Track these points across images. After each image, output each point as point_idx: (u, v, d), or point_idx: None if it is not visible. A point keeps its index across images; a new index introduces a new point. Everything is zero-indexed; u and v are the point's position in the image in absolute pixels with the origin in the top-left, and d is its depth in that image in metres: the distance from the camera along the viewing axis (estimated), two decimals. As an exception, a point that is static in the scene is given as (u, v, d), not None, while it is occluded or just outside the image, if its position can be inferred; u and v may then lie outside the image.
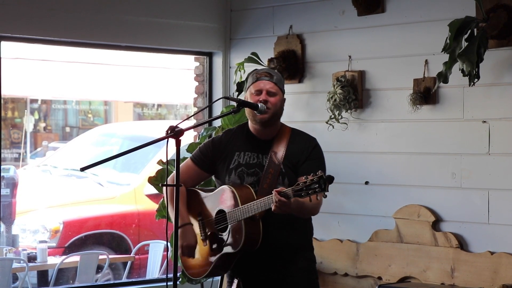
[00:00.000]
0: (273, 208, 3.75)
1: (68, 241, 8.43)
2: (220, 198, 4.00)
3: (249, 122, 4.10)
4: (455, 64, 4.79)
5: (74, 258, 7.63)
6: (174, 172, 4.06)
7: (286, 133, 4.07)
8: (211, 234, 4.03)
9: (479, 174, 5.10)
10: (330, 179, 3.64)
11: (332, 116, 5.61)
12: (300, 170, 3.99)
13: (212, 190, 4.12)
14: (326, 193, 3.64)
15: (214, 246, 4.00)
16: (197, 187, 4.22)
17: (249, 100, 4.02)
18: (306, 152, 4.02)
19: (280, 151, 3.99)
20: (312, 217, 4.19)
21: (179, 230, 4.03)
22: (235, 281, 4.00)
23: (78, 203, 8.93)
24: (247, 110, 4.05)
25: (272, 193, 3.78)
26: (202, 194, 4.12)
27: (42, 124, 15.56)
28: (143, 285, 6.45)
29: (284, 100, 4.11)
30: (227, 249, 3.93)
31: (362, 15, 5.57)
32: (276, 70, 4.24)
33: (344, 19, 5.71)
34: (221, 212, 4.00)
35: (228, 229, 3.94)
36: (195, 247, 4.05)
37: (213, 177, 4.25)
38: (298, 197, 3.68)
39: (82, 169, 3.72)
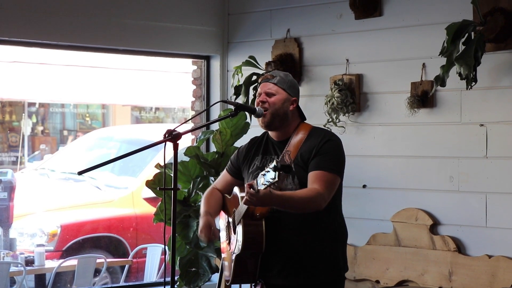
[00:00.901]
0: (243, 202, 3.70)
1: (66, 244, 8.43)
2: (233, 200, 4.03)
3: None
4: (452, 68, 4.80)
5: (72, 261, 7.63)
6: (213, 184, 4.20)
7: (304, 131, 3.98)
8: (231, 237, 4.05)
9: (476, 177, 5.10)
10: (284, 168, 3.44)
11: (330, 119, 5.61)
12: (309, 167, 3.87)
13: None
14: (277, 182, 3.45)
15: (232, 248, 4.00)
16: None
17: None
18: (317, 148, 3.88)
19: (294, 151, 3.92)
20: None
21: (199, 219, 4.05)
22: (259, 284, 3.96)
23: (76, 206, 8.92)
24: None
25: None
26: (228, 198, 4.15)
27: (40, 128, 15.55)
28: (141, 288, 6.45)
29: (291, 100, 3.99)
30: (236, 251, 3.91)
31: (360, 18, 5.58)
32: (287, 72, 4.15)
33: (342, 22, 5.72)
34: (234, 212, 4.02)
35: (236, 231, 3.94)
36: (208, 229, 3.98)
37: None
38: (261, 188, 3.54)
39: (80, 173, 3.72)
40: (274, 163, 3.45)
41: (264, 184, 3.51)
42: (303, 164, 3.89)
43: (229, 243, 4.04)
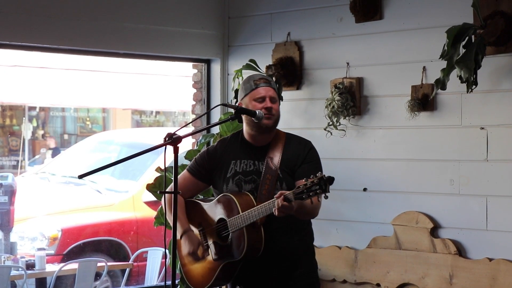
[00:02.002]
0: (276, 212, 3.73)
1: (67, 248, 8.43)
2: (220, 207, 3.99)
3: (245, 130, 4.08)
4: (453, 71, 4.80)
5: (73, 265, 7.62)
6: (169, 186, 4.10)
7: (281, 138, 4.07)
8: (213, 243, 4.01)
9: (477, 180, 5.10)
10: (331, 179, 3.64)
11: (330, 123, 5.61)
12: (297, 174, 3.98)
13: (211, 200, 4.11)
14: (327, 194, 3.64)
15: (216, 256, 3.99)
16: (195, 198, 4.22)
17: (249, 108, 4.00)
18: (302, 156, 4.02)
19: (276, 157, 3.99)
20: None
21: (182, 238, 4.03)
22: None
23: (77, 210, 8.92)
24: (247, 117, 4.03)
25: (272, 198, 3.77)
26: (201, 203, 4.11)
27: (41, 132, 15.56)
28: (142, 292, 6.44)
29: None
30: (230, 258, 3.92)
31: (360, 22, 5.58)
32: (273, 77, 4.22)
33: (342, 26, 5.72)
34: (221, 220, 3.99)
35: (229, 238, 3.93)
36: (197, 251, 4.04)
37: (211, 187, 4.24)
38: (299, 199, 3.67)
39: (80, 177, 3.72)
40: (321, 175, 3.64)
41: (309, 195, 3.65)
42: (289, 170, 4.00)
43: (206, 249, 4.03)
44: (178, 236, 4.05)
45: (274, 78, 5.69)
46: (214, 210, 4.02)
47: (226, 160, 4.06)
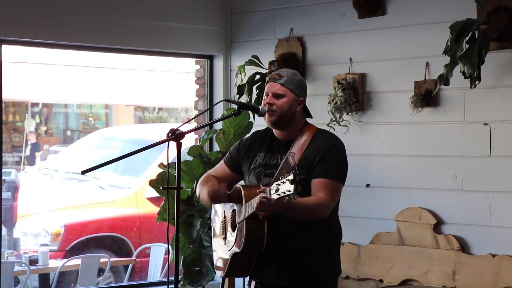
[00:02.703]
0: (254, 208, 3.68)
1: (70, 244, 8.43)
2: (234, 197, 3.98)
3: None
4: (456, 67, 4.79)
5: (76, 261, 7.63)
6: (207, 172, 4.12)
7: (309, 133, 3.96)
8: (228, 232, 4.03)
9: (480, 176, 5.10)
10: (301, 181, 3.47)
11: (333, 118, 5.61)
12: (314, 173, 3.86)
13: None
14: (296, 195, 3.46)
15: (228, 245, 4.00)
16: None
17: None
18: (321, 153, 3.88)
19: (298, 152, 3.90)
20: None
21: (205, 186, 4.01)
22: (253, 282, 3.97)
23: (79, 206, 8.93)
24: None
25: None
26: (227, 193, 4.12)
27: (43, 128, 15.58)
28: (145, 288, 6.45)
29: (298, 100, 3.98)
30: (234, 249, 3.92)
31: (363, 17, 5.57)
32: (295, 70, 4.11)
33: (345, 21, 5.71)
34: (234, 211, 4.00)
35: (236, 229, 3.93)
36: (220, 192, 3.97)
37: None
38: (277, 197, 3.52)
39: (83, 172, 3.71)
40: (292, 176, 3.44)
41: (279, 194, 3.50)
42: (307, 167, 3.88)
43: (224, 238, 4.04)
44: (204, 196, 4.02)
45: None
46: (231, 200, 4.01)
47: (254, 152, 4.04)
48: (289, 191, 3.45)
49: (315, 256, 3.92)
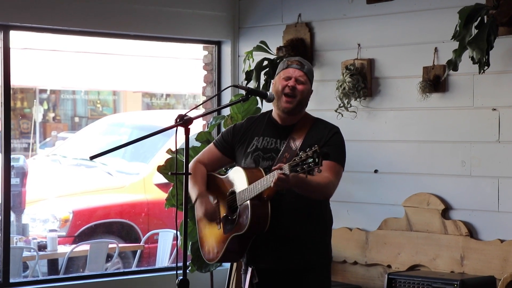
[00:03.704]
0: (272, 184, 3.72)
1: (78, 230, 8.45)
2: (231, 180, 4.01)
3: (273, 109, 4.09)
4: (465, 52, 4.78)
5: (84, 247, 7.66)
6: (195, 158, 4.11)
7: (308, 121, 4.04)
8: (224, 216, 4.03)
9: (489, 162, 5.09)
10: (325, 154, 3.56)
11: (341, 104, 5.60)
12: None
13: (225, 174, 4.12)
14: (320, 167, 3.57)
15: (227, 228, 4.00)
16: (215, 172, 4.22)
17: (277, 85, 4.00)
18: (325, 139, 3.97)
19: (299, 138, 3.97)
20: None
21: (197, 201, 4.05)
22: (249, 269, 3.99)
23: (88, 192, 8.95)
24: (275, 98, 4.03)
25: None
26: (218, 177, 4.14)
27: (51, 114, 15.59)
28: (153, 273, 6.46)
29: (311, 91, 4.07)
30: (236, 231, 3.93)
31: (371, 3, 5.55)
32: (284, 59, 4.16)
33: (353, 7, 5.70)
34: (232, 193, 4.01)
35: (237, 211, 3.95)
36: (215, 211, 4.03)
37: None
38: (294, 172, 3.62)
39: (92, 157, 3.72)
40: (315, 148, 3.55)
41: (303, 168, 3.58)
42: None
43: (218, 222, 4.05)
44: (193, 199, 4.07)
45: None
46: (227, 183, 4.04)
47: (250, 136, 4.07)
48: (316, 163, 3.54)
49: (312, 239, 3.99)
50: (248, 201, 3.86)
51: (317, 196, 3.93)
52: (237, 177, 3.97)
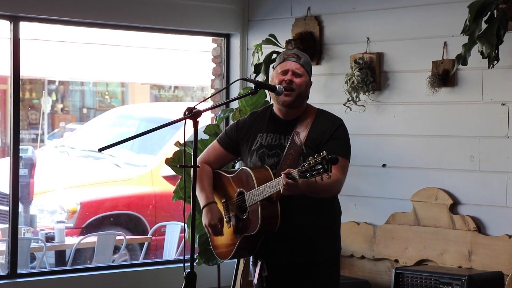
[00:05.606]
0: (281, 190, 3.73)
1: (86, 221, 8.47)
2: (239, 180, 4.00)
3: (274, 104, 4.08)
4: (474, 46, 4.76)
5: (92, 238, 7.67)
6: (199, 157, 4.08)
7: (311, 113, 4.02)
8: (233, 216, 4.03)
9: (497, 157, 5.08)
10: (333, 160, 3.57)
11: (350, 98, 5.59)
12: (323, 150, 3.86)
13: (233, 172, 4.12)
14: (330, 173, 3.57)
15: (237, 228, 4.00)
16: (222, 169, 4.21)
17: (275, 80, 3.99)
18: (330, 132, 3.95)
19: (303, 132, 3.95)
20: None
21: (204, 209, 4.04)
22: (259, 262, 4.00)
23: (95, 184, 8.96)
24: (271, 93, 4.02)
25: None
26: (225, 175, 4.12)
27: (60, 105, 15.61)
28: (160, 266, 6.47)
29: (310, 83, 4.05)
30: (247, 231, 3.93)
31: (381, -4, 5.54)
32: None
33: (363, 0, 5.68)
34: (241, 193, 4.00)
35: (247, 211, 3.94)
36: (221, 225, 4.04)
37: None
38: (303, 178, 3.63)
39: (100, 149, 3.72)
40: (324, 155, 3.56)
41: (312, 174, 3.58)
42: (315, 146, 3.93)
43: (228, 221, 4.05)
44: (202, 206, 4.07)
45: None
46: (235, 183, 4.03)
47: (254, 132, 4.05)
48: (325, 169, 3.54)
49: (322, 233, 3.99)
50: (258, 202, 3.86)
51: (326, 196, 3.93)
52: (245, 177, 3.97)
